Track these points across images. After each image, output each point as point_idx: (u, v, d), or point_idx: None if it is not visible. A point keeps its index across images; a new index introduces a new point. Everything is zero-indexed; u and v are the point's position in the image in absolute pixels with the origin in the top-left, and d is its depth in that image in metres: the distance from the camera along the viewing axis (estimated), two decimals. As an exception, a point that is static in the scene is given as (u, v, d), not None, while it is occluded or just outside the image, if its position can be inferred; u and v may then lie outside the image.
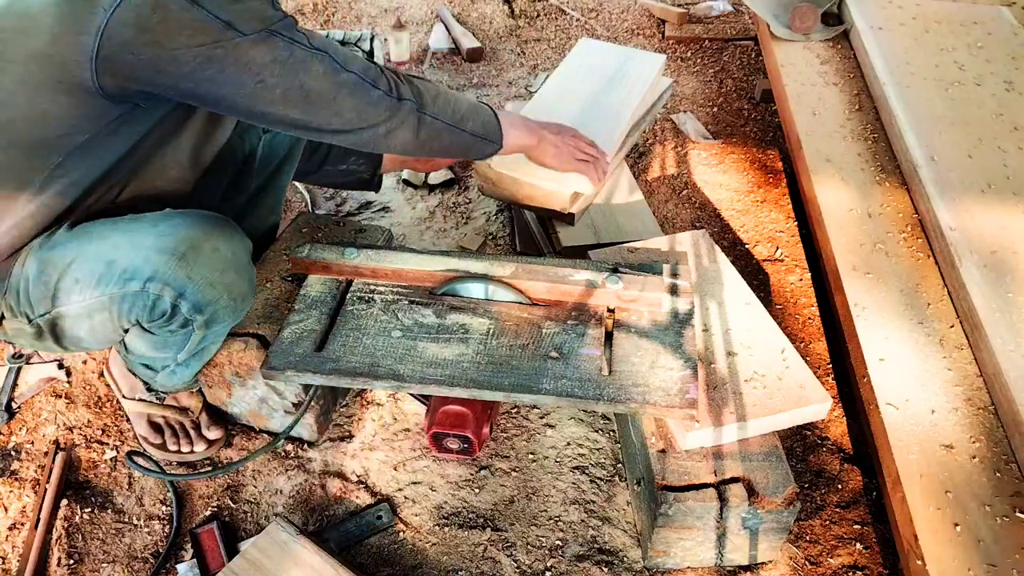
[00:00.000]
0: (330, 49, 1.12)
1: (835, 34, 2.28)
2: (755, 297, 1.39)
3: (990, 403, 1.31)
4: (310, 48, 1.09)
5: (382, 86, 1.16)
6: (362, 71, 1.15)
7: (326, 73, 1.10)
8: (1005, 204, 1.60)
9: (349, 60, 1.14)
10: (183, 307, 1.12)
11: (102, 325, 1.16)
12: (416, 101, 1.20)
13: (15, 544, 1.31)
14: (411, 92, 1.20)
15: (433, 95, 1.23)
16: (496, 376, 1.20)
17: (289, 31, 1.07)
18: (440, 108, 1.23)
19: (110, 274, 1.09)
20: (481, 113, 1.31)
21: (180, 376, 1.35)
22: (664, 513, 1.15)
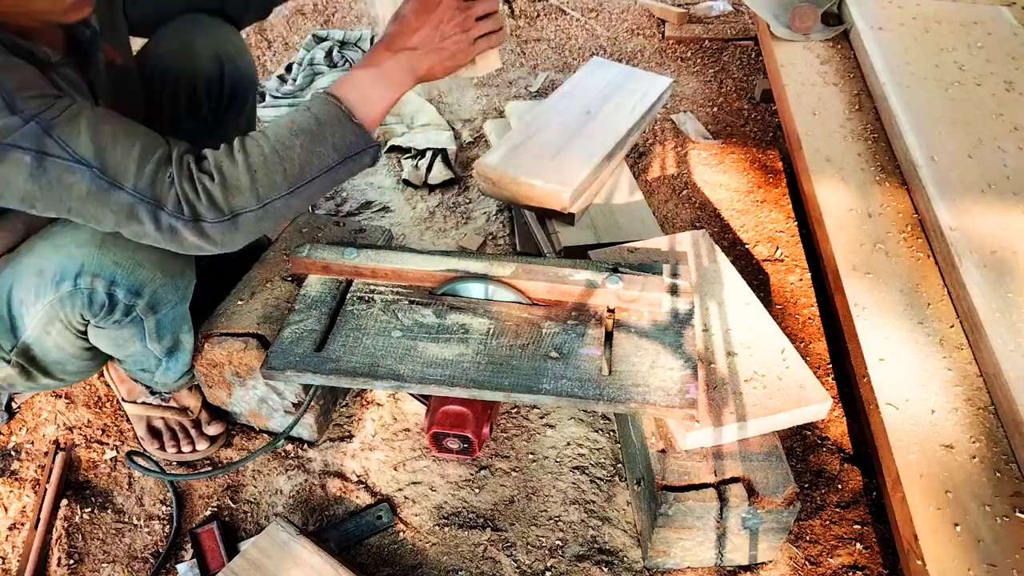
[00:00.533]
0: (102, 159, 0.94)
1: (835, 34, 2.28)
2: (755, 297, 1.39)
3: (990, 403, 1.31)
4: (70, 159, 0.93)
5: (169, 204, 0.97)
6: (143, 190, 0.96)
7: (90, 193, 0.95)
8: (1005, 204, 1.60)
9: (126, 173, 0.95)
10: (119, 294, 1.09)
11: (61, 335, 1.15)
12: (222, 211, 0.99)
13: (15, 544, 1.31)
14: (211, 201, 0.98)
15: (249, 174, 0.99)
16: (496, 376, 1.20)
17: (34, 140, 0.90)
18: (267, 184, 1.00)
19: (43, 283, 1.08)
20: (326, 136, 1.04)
21: (174, 371, 1.35)
22: (664, 513, 1.15)
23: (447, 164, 2.18)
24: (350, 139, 1.05)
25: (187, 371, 1.38)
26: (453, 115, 2.44)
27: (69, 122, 0.93)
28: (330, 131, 1.04)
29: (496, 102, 2.54)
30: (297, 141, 1.02)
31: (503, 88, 2.64)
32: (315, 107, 1.05)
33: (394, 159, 2.24)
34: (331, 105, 1.05)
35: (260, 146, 1.01)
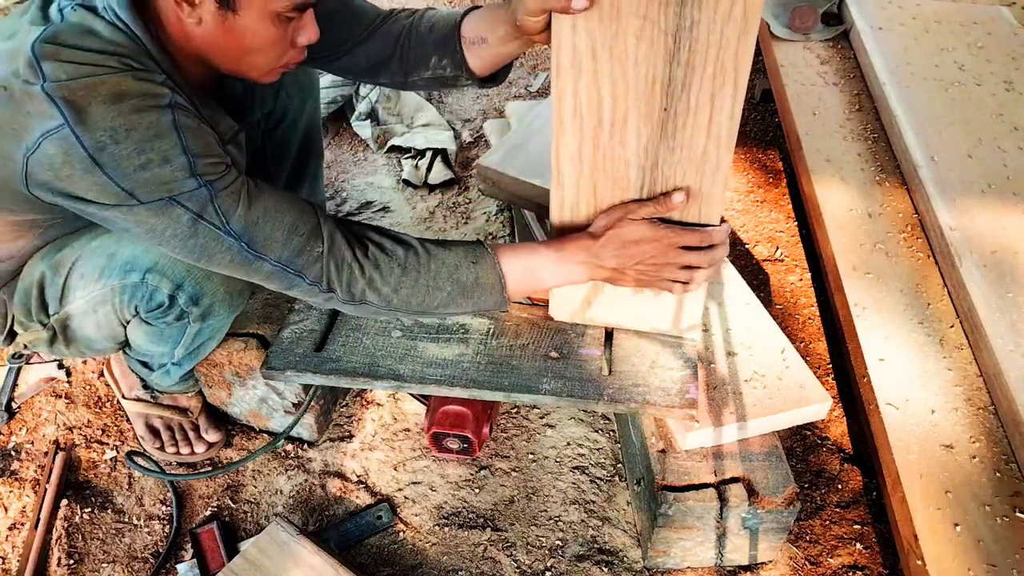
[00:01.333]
0: (251, 234, 0.99)
1: (835, 34, 2.27)
2: (755, 297, 1.39)
3: (990, 403, 1.31)
4: (222, 229, 0.97)
5: (310, 276, 1.03)
6: (287, 260, 1.02)
7: (233, 262, 1.01)
8: (1005, 204, 1.60)
9: (272, 246, 1.00)
10: (180, 298, 1.13)
11: (106, 318, 1.17)
12: (354, 297, 1.06)
13: (15, 544, 1.31)
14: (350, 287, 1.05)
15: (393, 286, 1.05)
16: (496, 376, 1.20)
17: (199, 204, 0.95)
18: (402, 301, 1.07)
19: (111, 266, 1.11)
20: (474, 296, 1.09)
21: (174, 375, 1.35)
22: (664, 513, 1.15)
23: (447, 164, 2.18)
24: (490, 304, 1.11)
25: (185, 379, 1.39)
26: (453, 115, 2.44)
27: (231, 194, 0.97)
28: (480, 294, 1.09)
29: (496, 102, 2.54)
30: (449, 287, 1.08)
31: (503, 88, 2.64)
32: (482, 268, 1.08)
33: (394, 159, 2.25)
34: (495, 276, 1.09)
35: (417, 271, 1.07)
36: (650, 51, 0.90)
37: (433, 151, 2.20)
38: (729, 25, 0.86)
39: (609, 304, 1.22)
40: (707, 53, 0.89)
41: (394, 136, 2.28)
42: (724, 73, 0.91)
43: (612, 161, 1.02)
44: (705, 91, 0.93)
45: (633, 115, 0.97)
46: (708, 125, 0.96)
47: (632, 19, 0.88)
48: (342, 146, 2.31)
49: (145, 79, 0.93)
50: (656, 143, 0.99)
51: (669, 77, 0.92)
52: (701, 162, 1.00)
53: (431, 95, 2.53)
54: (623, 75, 0.93)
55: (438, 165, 2.16)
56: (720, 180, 1.02)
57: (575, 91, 0.95)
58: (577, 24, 0.89)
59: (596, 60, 0.92)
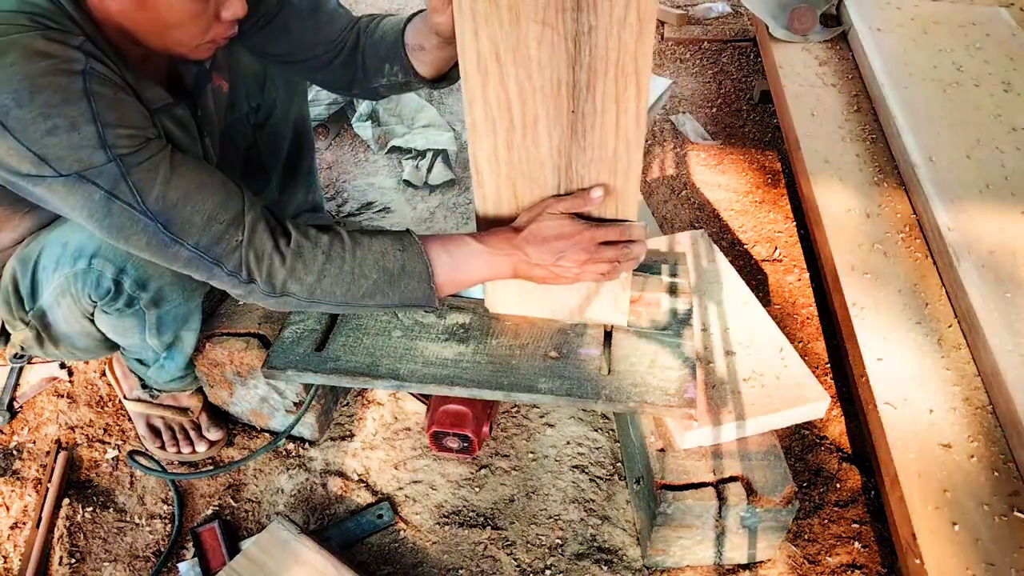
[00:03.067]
0: (168, 215, 0.95)
1: (833, 35, 2.28)
2: (753, 297, 1.39)
3: (988, 403, 1.32)
4: (136, 208, 0.93)
5: (228, 265, 1.00)
6: (204, 247, 0.98)
7: (150, 244, 0.97)
8: (1003, 204, 1.61)
9: (190, 230, 0.96)
10: (126, 283, 1.10)
11: (70, 311, 1.16)
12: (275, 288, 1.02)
13: (17, 543, 1.31)
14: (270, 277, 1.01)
15: (316, 275, 1.03)
16: (496, 375, 1.21)
17: (110, 180, 0.91)
18: (325, 291, 1.04)
19: (64, 255, 1.09)
20: (401, 285, 1.07)
21: (168, 371, 1.35)
22: (663, 512, 1.16)
23: (447, 165, 2.18)
24: (418, 296, 1.08)
25: (181, 376, 1.39)
26: (453, 116, 2.45)
27: (149, 170, 0.93)
28: (407, 283, 1.07)
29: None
30: (375, 275, 1.05)
31: (503, 89, 2.64)
32: (408, 255, 1.07)
33: (395, 160, 2.25)
34: (422, 264, 1.07)
35: (342, 258, 1.04)
36: (552, 55, 0.92)
37: (434, 152, 2.20)
38: (625, 29, 0.88)
39: (541, 295, 1.24)
40: (607, 57, 0.91)
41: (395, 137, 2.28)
42: (625, 76, 0.92)
43: (527, 162, 1.04)
44: (609, 94, 0.94)
45: (543, 117, 0.99)
46: (616, 126, 0.98)
47: (532, 25, 0.90)
48: (343, 147, 2.32)
49: (58, 40, 0.89)
50: (568, 144, 1.01)
51: (573, 80, 0.94)
52: (613, 162, 1.02)
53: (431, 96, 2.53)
54: (528, 79, 0.95)
55: (439, 166, 2.16)
56: (633, 179, 1.04)
57: (484, 95, 0.97)
58: (479, 30, 0.91)
59: (501, 64, 0.94)
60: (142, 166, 0.93)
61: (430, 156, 2.19)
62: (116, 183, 0.91)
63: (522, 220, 1.10)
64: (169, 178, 0.95)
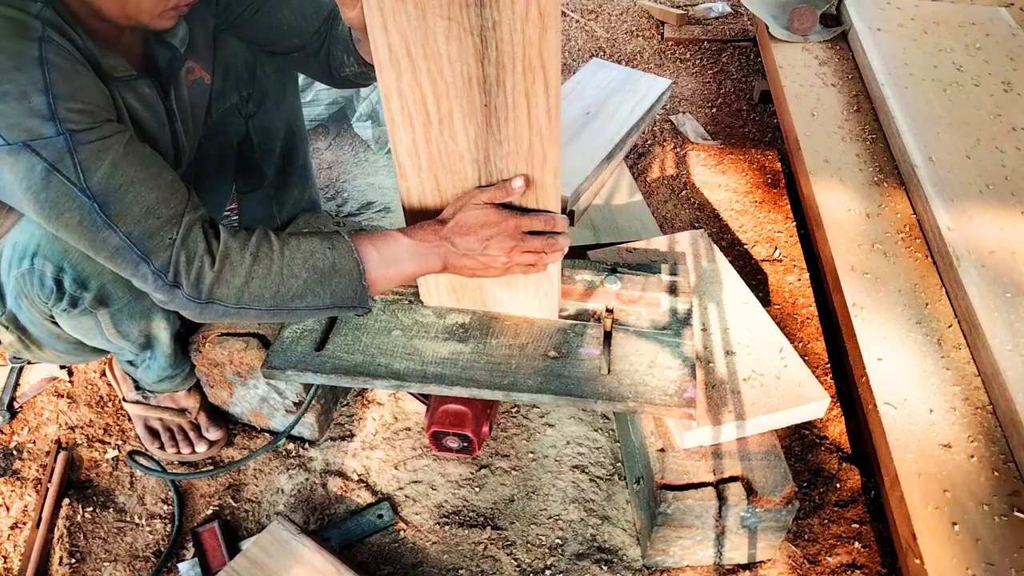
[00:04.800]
0: (107, 197, 0.91)
1: (833, 35, 2.28)
2: (753, 297, 1.39)
3: (988, 403, 1.32)
4: (77, 186, 0.90)
5: (156, 262, 0.96)
6: (136, 238, 0.94)
7: (81, 224, 0.92)
8: (1003, 204, 1.61)
9: (126, 218, 0.93)
10: (65, 281, 1.07)
11: (30, 313, 1.15)
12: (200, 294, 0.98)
13: (17, 543, 1.31)
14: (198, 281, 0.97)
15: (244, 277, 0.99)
16: (495, 375, 1.21)
17: (55, 153, 0.88)
18: (254, 294, 1.00)
19: (14, 255, 1.08)
20: (332, 284, 1.04)
21: (154, 371, 1.35)
22: (663, 512, 1.16)
23: (447, 165, 2.18)
24: (349, 295, 1.06)
25: (170, 376, 1.37)
26: (453, 116, 2.45)
27: (97, 150, 0.91)
28: (338, 281, 1.05)
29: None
30: (304, 274, 1.03)
31: (503, 89, 2.64)
32: (339, 253, 1.05)
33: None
34: (353, 261, 1.05)
35: (271, 259, 1.01)
36: (461, 50, 0.93)
37: (433, 152, 2.20)
38: (528, 24, 0.89)
39: (472, 286, 1.25)
40: (513, 52, 0.92)
41: (394, 137, 2.28)
42: (533, 71, 0.93)
43: (447, 155, 1.06)
44: (519, 88, 0.96)
45: (457, 111, 1.00)
46: (528, 121, 0.99)
47: (438, 20, 0.91)
48: (343, 147, 2.32)
49: (15, 6, 0.88)
50: (484, 138, 1.02)
51: (483, 75, 0.95)
52: (529, 155, 1.03)
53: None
54: (440, 73, 0.96)
55: (438, 166, 2.16)
56: (550, 171, 1.05)
57: (399, 89, 0.98)
58: (388, 25, 0.92)
59: (412, 59, 0.95)
60: (91, 145, 0.90)
61: (430, 156, 2.19)
62: (61, 157, 0.88)
63: (448, 212, 1.10)
64: (117, 162, 0.92)
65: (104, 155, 0.91)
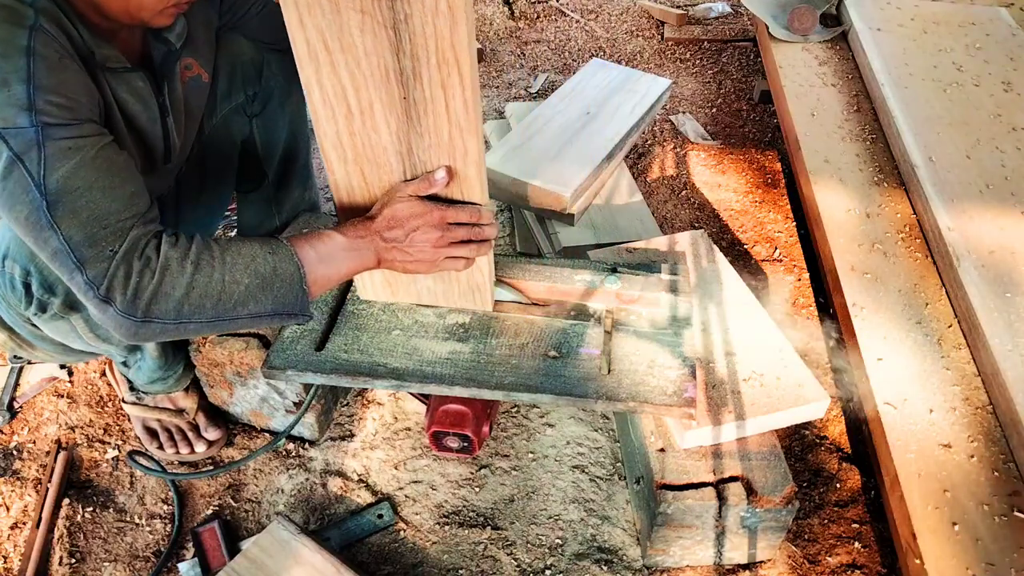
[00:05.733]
0: (59, 198, 0.89)
1: (833, 35, 2.28)
2: (753, 297, 1.39)
3: (988, 402, 1.32)
4: (33, 180, 0.88)
5: (90, 272, 0.91)
6: (75, 245, 0.90)
7: (28, 220, 0.90)
8: (1003, 204, 1.61)
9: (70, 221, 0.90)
10: (33, 286, 1.06)
11: (8, 314, 1.15)
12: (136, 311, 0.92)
13: (17, 543, 1.31)
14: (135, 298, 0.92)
15: (185, 287, 0.94)
16: (495, 375, 1.21)
17: (23, 144, 0.87)
18: (194, 305, 0.95)
19: None
20: (273, 290, 1.01)
21: (144, 372, 1.34)
22: (663, 512, 1.16)
23: (447, 165, 2.18)
24: (290, 301, 1.03)
25: (162, 377, 1.37)
26: (453, 116, 2.45)
27: (67, 148, 0.89)
28: (279, 287, 1.02)
29: (496, 103, 2.55)
30: (246, 280, 0.99)
31: (503, 89, 2.64)
32: (279, 257, 1.02)
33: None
34: (293, 265, 1.03)
35: (212, 266, 0.97)
36: (376, 43, 0.94)
37: (433, 152, 2.20)
38: (438, 18, 0.90)
39: (410, 283, 1.26)
40: (427, 45, 0.93)
41: (394, 137, 2.28)
42: (447, 64, 0.94)
43: (371, 148, 1.06)
44: (435, 81, 0.96)
45: (378, 104, 1.01)
46: (447, 113, 1.00)
47: (352, 13, 0.92)
48: (342, 147, 2.31)
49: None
50: (406, 130, 1.03)
51: (400, 67, 0.96)
52: (450, 148, 1.04)
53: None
54: (358, 66, 0.97)
55: (438, 166, 2.16)
56: (472, 164, 1.06)
57: (319, 81, 0.99)
58: (304, 19, 0.93)
59: (330, 52, 0.96)
60: (61, 142, 0.89)
61: (430, 156, 2.19)
62: (28, 149, 0.87)
63: (376, 207, 1.10)
64: (83, 164, 0.90)
65: (72, 154, 0.90)
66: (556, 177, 1.53)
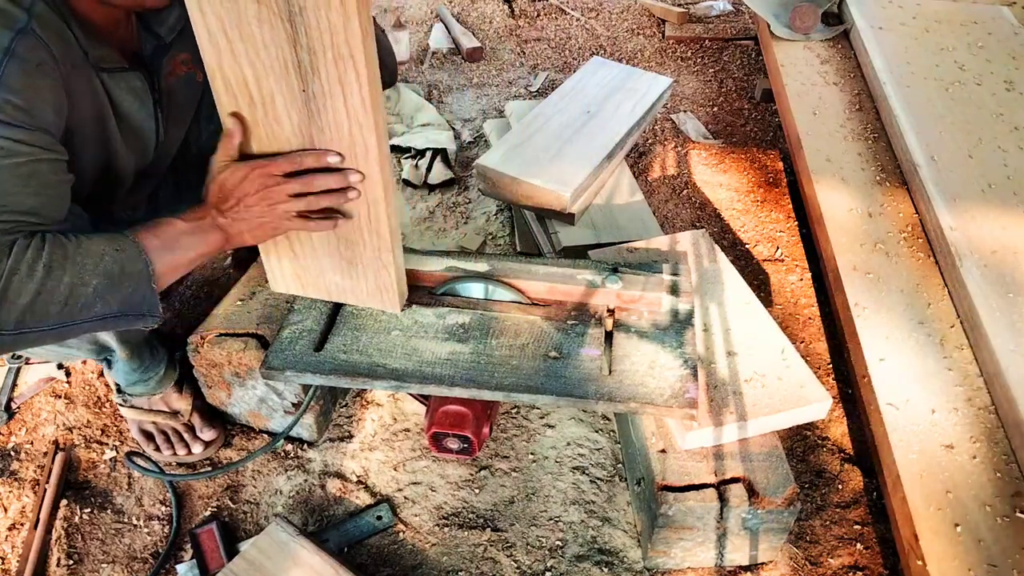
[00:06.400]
0: None
1: (835, 34, 2.27)
2: (755, 297, 1.39)
3: (990, 403, 1.31)
4: None
5: None
6: None
7: None
8: (1005, 204, 1.60)
9: None
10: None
11: None
12: None
13: (15, 544, 1.31)
14: None
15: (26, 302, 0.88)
16: (496, 376, 1.20)
17: None
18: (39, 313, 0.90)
19: None
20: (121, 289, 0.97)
21: (123, 375, 1.34)
22: (664, 513, 1.15)
23: (447, 164, 2.18)
24: (138, 300, 1.00)
25: (140, 379, 1.36)
26: (453, 115, 2.44)
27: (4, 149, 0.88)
28: (128, 284, 0.98)
29: (496, 102, 2.54)
30: (95, 281, 0.94)
31: (503, 88, 2.64)
32: (127, 255, 0.98)
33: (394, 159, 2.24)
34: (142, 262, 0.99)
35: (63, 268, 0.91)
36: (273, 34, 0.94)
37: (433, 151, 2.20)
38: (331, 12, 0.90)
39: (318, 276, 1.25)
40: (322, 39, 0.93)
41: (394, 136, 2.27)
42: (342, 59, 0.94)
43: (274, 139, 1.06)
44: (332, 75, 0.96)
45: (279, 96, 1.01)
46: (346, 109, 1.00)
47: (249, 3, 0.92)
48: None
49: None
50: (307, 124, 1.03)
51: (298, 60, 0.96)
52: (351, 144, 1.03)
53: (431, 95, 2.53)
54: (257, 56, 0.97)
55: (438, 165, 2.16)
56: (374, 161, 1.05)
57: (220, 68, 0.99)
58: (203, 6, 0.93)
59: (230, 41, 0.96)
60: (2, 140, 0.88)
61: (429, 155, 2.19)
62: None
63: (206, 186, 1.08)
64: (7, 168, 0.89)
65: (4, 157, 0.89)
66: (556, 176, 1.53)
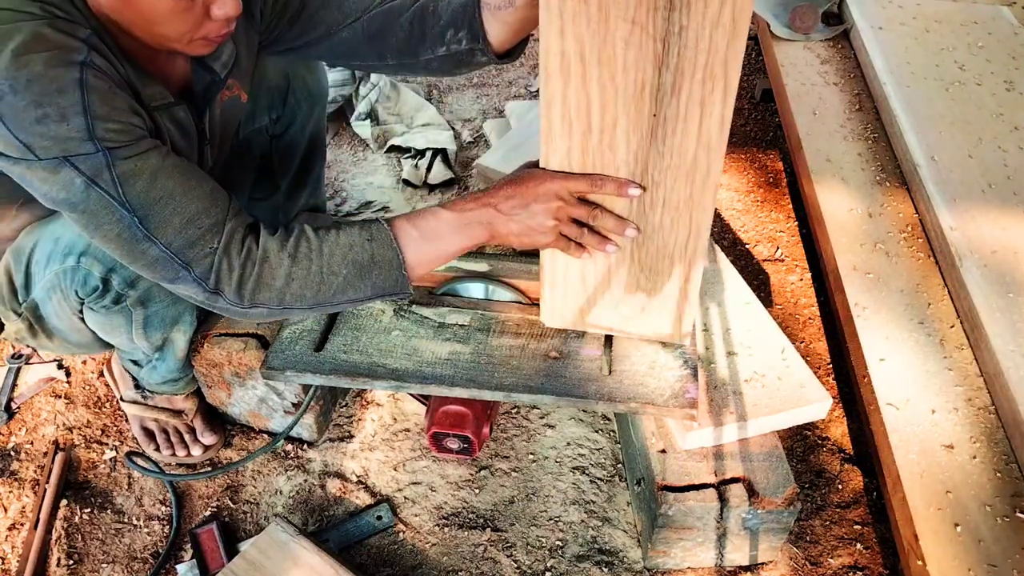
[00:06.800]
0: (147, 211, 0.94)
1: (835, 34, 2.27)
2: (755, 297, 1.39)
3: (990, 403, 1.31)
4: (116, 199, 0.92)
5: (197, 270, 0.97)
6: (177, 249, 0.96)
7: (120, 237, 0.95)
8: (1006, 204, 1.60)
9: (166, 229, 0.95)
10: (114, 280, 1.10)
11: (60, 306, 1.17)
12: (243, 299, 1.00)
13: (15, 544, 1.31)
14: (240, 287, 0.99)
15: (284, 278, 1.00)
16: (496, 376, 1.20)
17: (93, 168, 0.90)
18: (295, 295, 1.01)
19: (56, 251, 1.10)
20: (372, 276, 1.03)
21: (160, 372, 1.35)
22: (664, 513, 1.15)
23: (447, 164, 2.18)
24: (390, 284, 1.05)
25: (175, 378, 1.38)
26: (453, 115, 2.44)
27: (135, 164, 0.93)
28: (378, 272, 1.03)
29: (496, 102, 2.54)
30: (344, 271, 1.02)
31: (503, 88, 2.63)
32: (377, 244, 1.03)
33: (394, 159, 2.24)
34: (392, 251, 1.03)
35: (310, 259, 1.01)
36: (639, 56, 0.90)
37: (433, 151, 2.20)
38: (718, 30, 0.86)
39: (603, 309, 1.19)
40: (696, 58, 0.89)
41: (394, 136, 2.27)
42: (713, 79, 0.90)
43: (602, 167, 1.01)
44: (695, 97, 0.92)
45: (623, 121, 0.96)
46: (698, 131, 0.95)
47: (621, 24, 0.87)
48: (342, 146, 2.31)
49: (65, 31, 0.90)
50: (646, 149, 0.98)
51: (658, 83, 0.92)
52: (691, 169, 0.99)
53: (431, 95, 2.52)
54: (612, 80, 0.92)
55: (438, 165, 2.16)
56: (711, 187, 1.01)
57: (564, 96, 0.95)
58: (565, 29, 0.89)
59: (585, 65, 0.91)
60: (129, 160, 0.92)
61: (429, 155, 2.18)
62: (99, 171, 0.91)
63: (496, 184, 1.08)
64: (156, 176, 0.94)
65: (142, 169, 0.93)
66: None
